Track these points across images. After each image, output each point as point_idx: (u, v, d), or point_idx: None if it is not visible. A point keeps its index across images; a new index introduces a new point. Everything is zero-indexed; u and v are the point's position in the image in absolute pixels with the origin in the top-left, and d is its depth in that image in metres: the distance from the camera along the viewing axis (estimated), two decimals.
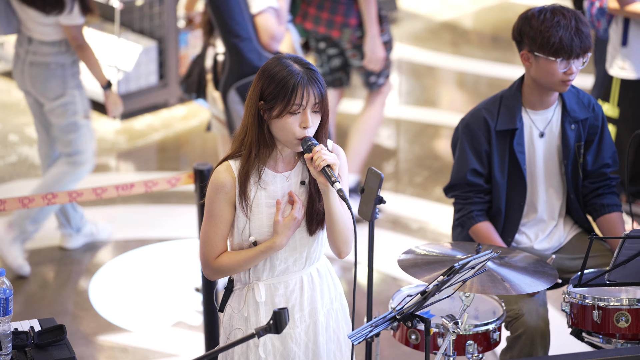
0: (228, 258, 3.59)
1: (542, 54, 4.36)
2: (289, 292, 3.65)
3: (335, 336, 3.73)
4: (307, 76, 3.47)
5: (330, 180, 3.47)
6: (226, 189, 3.55)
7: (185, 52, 8.18)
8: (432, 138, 7.91)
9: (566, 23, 4.33)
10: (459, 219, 4.59)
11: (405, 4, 10.61)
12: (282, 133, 3.50)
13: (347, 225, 3.60)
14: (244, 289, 3.67)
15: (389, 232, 6.57)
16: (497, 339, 4.25)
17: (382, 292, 5.84)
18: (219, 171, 3.56)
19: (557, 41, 4.32)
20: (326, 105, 3.52)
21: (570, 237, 4.69)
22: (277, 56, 3.53)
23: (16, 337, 3.65)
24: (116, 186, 5.26)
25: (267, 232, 3.57)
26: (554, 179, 4.61)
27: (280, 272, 3.64)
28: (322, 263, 3.73)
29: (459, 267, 3.58)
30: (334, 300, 3.74)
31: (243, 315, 3.66)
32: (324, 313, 3.70)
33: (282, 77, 3.45)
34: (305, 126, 3.48)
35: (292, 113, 3.47)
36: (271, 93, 3.46)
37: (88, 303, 5.82)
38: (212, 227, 3.58)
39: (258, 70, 3.54)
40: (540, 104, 4.53)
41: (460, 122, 4.59)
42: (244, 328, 3.66)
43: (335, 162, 3.47)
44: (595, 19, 6.01)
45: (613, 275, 4.10)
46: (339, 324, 3.76)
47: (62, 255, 6.24)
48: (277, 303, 3.63)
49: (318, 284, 3.69)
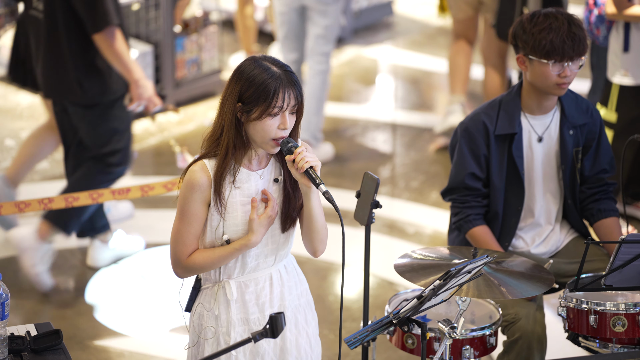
0: (201, 256, 3.61)
1: (535, 56, 4.38)
2: (259, 289, 3.68)
3: (304, 331, 3.76)
4: (287, 78, 3.50)
5: (315, 182, 3.50)
6: (202, 189, 3.57)
7: (181, 57, 8.18)
8: (429, 142, 7.91)
9: (558, 26, 4.35)
10: (456, 222, 4.60)
11: (401, 8, 10.62)
12: (259, 135, 3.53)
13: (324, 225, 3.65)
14: (214, 287, 3.69)
15: (386, 237, 6.57)
16: (493, 344, 4.25)
17: (379, 296, 5.84)
18: (194, 170, 3.58)
19: (547, 43, 4.34)
20: (302, 106, 3.55)
21: (567, 242, 4.69)
22: (252, 57, 3.56)
23: (12, 342, 3.65)
24: (112, 190, 5.26)
25: (241, 231, 3.60)
26: (552, 183, 4.62)
27: (251, 269, 3.66)
28: (289, 260, 3.77)
29: (455, 271, 3.58)
30: (300, 296, 3.77)
31: (214, 313, 3.68)
32: (292, 309, 3.73)
33: (262, 80, 3.48)
34: (284, 127, 3.51)
35: (272, 115, 3.49)
36: (251, 96, 3.49)
37: (84, 307, 5.81)
38: (186, 225, 3.59)
39: (233, 72, 3.56)
40: (538, 109, 4.54)
41: (459, 125, 4.60)
42: (215, 326, 3.68)
43: (317, 163, 3.52)
44: (595, 26, 6.02)
45: (609, 279, 4.10)
46: (307, 319, 3.79)
47: (59, 259, 6.23)
48: (247, 300, 3.66)
49: (286, 280, 3.72)
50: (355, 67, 9.28)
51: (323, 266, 6.12)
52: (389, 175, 7.41)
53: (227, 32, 9.44)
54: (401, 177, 7.38)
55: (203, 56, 8.33)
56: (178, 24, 8.21)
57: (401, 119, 8.24)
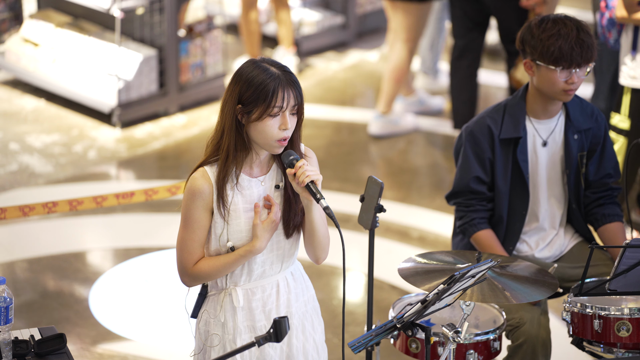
0: (207, 264, 3.61)
1: (543, 62, 4.38)
2: (266, 296, 3.68)
3: (311, 338, 3.77)
4: (286, 78, 3.51)
5: (315, 197, 3.50)
6: (203, 196, 3.57)
7: (185, 61, 8.18)
8: (433, 146, 7.91)
9: (567, 32, 4.35)
10: (460, 226, 4.59)
11: None
12: (261, 136, 3.53)
13: (326, 234, 3.65)
14: (220, 294, 3.69)
15: (389, 241, 6.57)
16: (497, 348, 4.24)
17: (382, 300, 5.84)
18: (195, 178, 3.58)
19: (556, 50, 4.34)
20: (303, 107, 3.55)
21: (571, 246, 4.69)
22: (251, 60, 3.57)
23: (16, 346, 3.65)
24: (116, 194, 5.26)
25: (245, 237, 3.59)
26: (556, 188, 4.62)
27: (258, 276, 3.66)
28: (296, 266, 3.77)
29: (459, 275, 3.58)
30: (307, 303, 3.77)
31: (220, 320, 3.68)
32: (299, 315, 3.73)
33: (261, 81, 3.49)
34: (285, 128, 3.51)
35: (272, 115, 3.49)
36: (250, 97, 3.49)
37: (88, 311, 5.81)
38: (190, 234, 3.60)
39: (233, 74, 3.57)
40: (544, 113, 4.54)
41: (464, 129, 4.59)
42: (221, 334, 3.68)
43: (318, 177, 3.51)
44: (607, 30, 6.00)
45: (614, 284, 4.09)
46: (314, 325, 3.79)
47: (63, 263, 6.24)
48: (254, 307, 3.66)
49: (293, 287, 3.72)
50: (359, 71, 9.29)
51: (327, 270, 6.12)
52: (393, 179, 7.41)
53: (231, 36, 9.45)
54: (405, 181, 7.38)
55: (207, 60, 8.34)
56: (182, 28, 8.22)
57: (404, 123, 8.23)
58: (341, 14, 9.67)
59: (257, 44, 8.75)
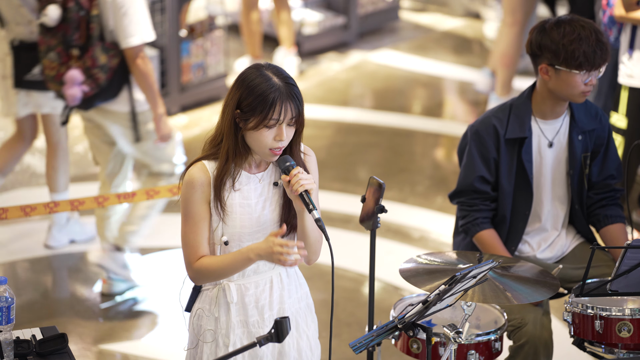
0: (209, 260, 3.60)
1: (566, 67, 4.36)
2: (259, 292, 3.68)
3: (304, 335, 3.77)
4: (286, 91, 3.50)
5: (308, 207, 3.50)
6: (202, 187, 3.58)
7: (187, 61, 8.19)
8: (434, 147, 7.91)
9: (587, 35, 4.34)
10: (463, 225, 4.59)
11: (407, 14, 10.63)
12: (255, 144, 3.54)
13: (318, 238, 3.64)
14: (214, 289, 3.69)
15: (391, 241, 6.57)
16: (498, 349, 4.24)
17: (384, 301, 5.84)
18: (193, 170, 3.60)
19: (580, 55, 4.32)
20: (302, 118, 3.55)
21: (573, 247, 4.69)
22: (256, 66, 3.57)
23: (18, 346, 3.65)
24: (118, 195, 5.27)
25: (239, 233, 3.60)
26: (560, 189, 4.61)
27: (251, 272, 3.66)
28: None
29: (460, 276, 3.58)
30: (300, 300, 3.77)
31: (213, 315, 3.69)
32: (292, 312, 3.73)
33: (261, 91, 3.48)
34: (280, 139, 3.51)
35: (268, 127, 3.50)
36: (249, 105, 3.50)
37: (90, 311, 5.82)
38: (191, 227, 3.60)
39: (236, 77, 3.57)
40: (551, 114, 4.54)
41: (469, 128, 4.59)
42: (214, 329, 3.69)
43: (312, 186, 3.51)
44: (607, 27, 6.00)
45: (615, 285, 4.10)
46: (307, 322, 3.80)
47: (64, 263, 6.24)
48: (247, 303, 3.66)
49: (286, 284, 3.72)
50: (360, 71, 9.29)
51: (327, 271, 6.12)
52: (395, 179, 7.41)
53: (232, 36, 9.45)
54: (407, 181, 7.38)
55: (208, 60, 8.34)
56: (183, 28, 8.22)
57: (406, 124, 8.24)
58: (343, 14, 9.67)
59: (258, 45, 8.75)
